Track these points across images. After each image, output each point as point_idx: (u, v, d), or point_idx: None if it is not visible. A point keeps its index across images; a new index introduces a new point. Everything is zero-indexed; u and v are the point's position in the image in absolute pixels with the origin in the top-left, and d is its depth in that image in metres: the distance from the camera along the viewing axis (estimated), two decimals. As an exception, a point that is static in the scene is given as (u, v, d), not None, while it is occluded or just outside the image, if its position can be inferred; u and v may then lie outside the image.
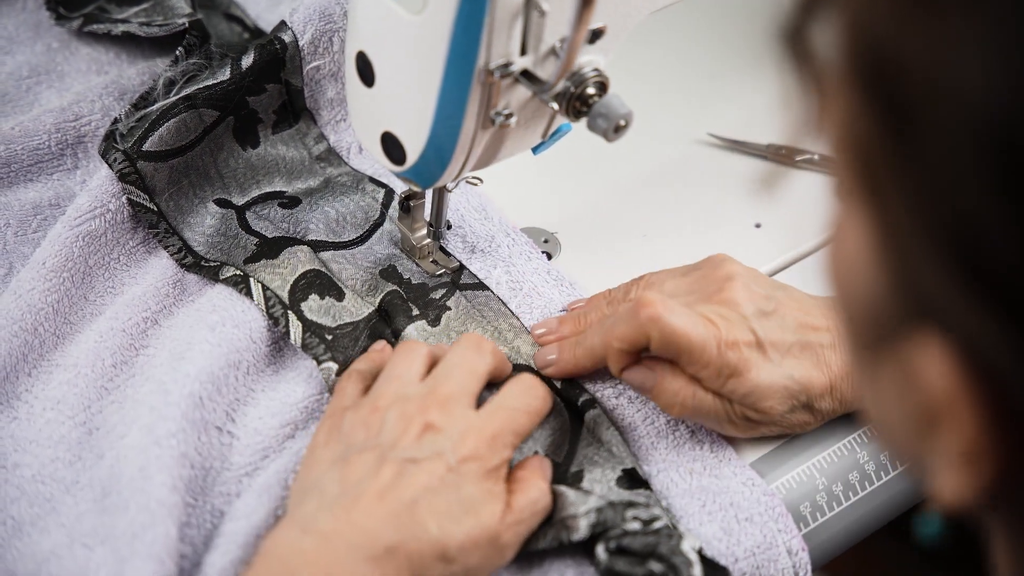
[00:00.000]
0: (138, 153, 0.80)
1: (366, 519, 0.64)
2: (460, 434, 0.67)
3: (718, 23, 1.05)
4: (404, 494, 0.65)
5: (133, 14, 0.94)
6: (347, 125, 0.89)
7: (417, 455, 0.66)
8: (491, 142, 0.71)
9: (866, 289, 0.41)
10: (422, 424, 0.67)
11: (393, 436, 0.67)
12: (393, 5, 0.66)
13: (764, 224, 0.88)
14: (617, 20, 0.69)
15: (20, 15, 0.99)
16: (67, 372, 0.76)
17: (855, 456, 0.75)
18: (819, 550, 0.73)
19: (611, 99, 0.68)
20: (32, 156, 0.87)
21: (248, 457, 0.73)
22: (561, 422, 0.75)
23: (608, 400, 0.75)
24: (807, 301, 0.74)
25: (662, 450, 0.74)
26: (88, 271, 0.80)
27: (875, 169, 0.39)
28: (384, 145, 0.73)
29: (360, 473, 0.66)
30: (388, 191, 0.87)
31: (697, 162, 0.94)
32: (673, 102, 0.98)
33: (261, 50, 0.83)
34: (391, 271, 0.83)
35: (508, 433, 0.69)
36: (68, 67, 0.95)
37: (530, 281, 0.81)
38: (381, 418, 0.68)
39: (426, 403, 0.68)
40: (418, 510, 0.64)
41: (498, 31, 0.64)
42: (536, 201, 0.89)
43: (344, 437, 0.69)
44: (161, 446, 0.69)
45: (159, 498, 0.67)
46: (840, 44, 0.39)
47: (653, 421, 0.75)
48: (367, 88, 0.71)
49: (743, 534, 0.70)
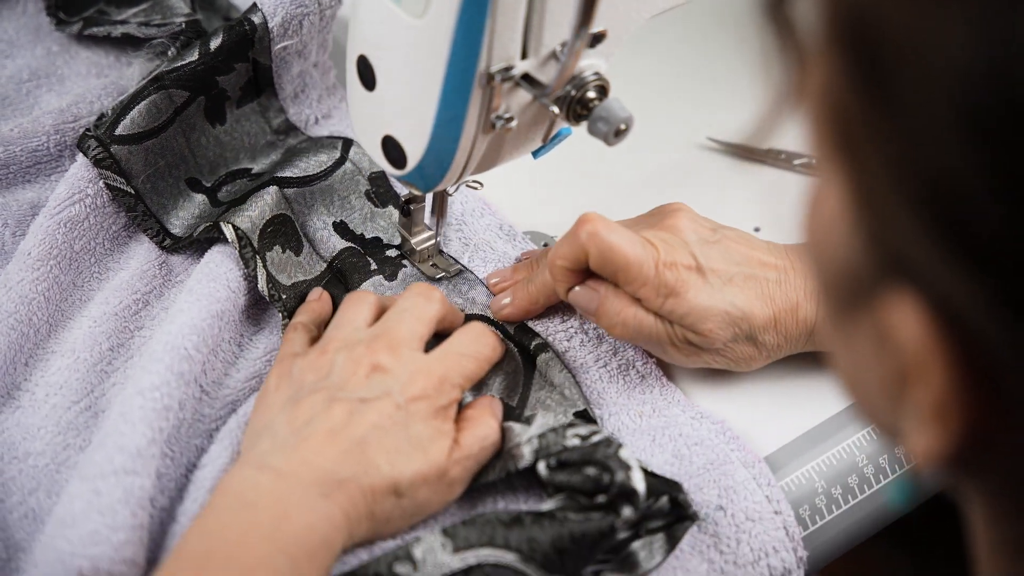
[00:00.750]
0: (111, 138, 0.81)
1: (317, 457, 0.65)
2: (409, 375, 0.69)
3: (718, 27, 1.05)
4: (354, 432, 0.66)
5: (132, 15, 0.95)
6: (306, 97, 0.91)
7: (366, 395, 0.68)
8: (491, 146, 0.71)
9: (842, 250, 0.42)
10: (370, 365, 0.69)
11: (342, 377, 0.69)
12: (395, 9, 0.66)
13: (763, 228, 0.89)
14: (618, 24, 0.69)
15: (20, 19, 1.00)
16: (65, 358, 0.78)
17: (854, 459, 0.75)
18: (817, 552, 0.73)
19: (611, 103, 0.68)
20: (31, 157, 0.87)
21: (218, 411, 0.75)
22: (514, 367, 0.77)
23: (560, 343, 0.78)
24: (756, 241, 0.76)
25: (613, 394, 0.76)
26: (74, 257, 0.81)
27: (853, 130, 0.40)
28: (385, 149, 0.73)
29: (310, 413, 0.67)
30: (346, 141, 0.89)
31: (697, 166, 0.94)
32: (673, 106, 0.98)
33: (230, 31, 0.84)
34: (342, 227, 0.84)
35: (456, 376, 0.71)
36: (68, 70, 0.96)
37: (481, 236, 0.84)
38: (330, 360, 0.70)
39: (375, 346, 0.70)
40: (368, 448, 0.66)
41: (499, 35, 0.64)
42: (536, 205, 0.90)
43: (294, 381, 0.70)
44: (144, 397, 0.70)
45: (139, 447, 0.68)
46: (821, 10, 0.40)
47: (606, 363, 0.77)
48: (368, 92, 0.71)
49: (694, 456, 0.72)
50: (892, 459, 0.76)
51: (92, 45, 0.97)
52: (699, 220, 0.76)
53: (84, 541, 0.65)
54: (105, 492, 0.66)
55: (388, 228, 0.85)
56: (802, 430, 0.76)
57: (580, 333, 0.78)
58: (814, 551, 0.72)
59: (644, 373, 0.76)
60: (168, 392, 0.71)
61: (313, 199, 0.85)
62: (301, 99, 0.91)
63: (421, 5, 0.64)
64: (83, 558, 0.64)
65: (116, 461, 0.67)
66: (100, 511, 0.66)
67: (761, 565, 0.69)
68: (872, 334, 0.41)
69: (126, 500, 0.66)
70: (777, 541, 0.69)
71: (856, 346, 0.44)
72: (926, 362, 0.38)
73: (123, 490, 0.66)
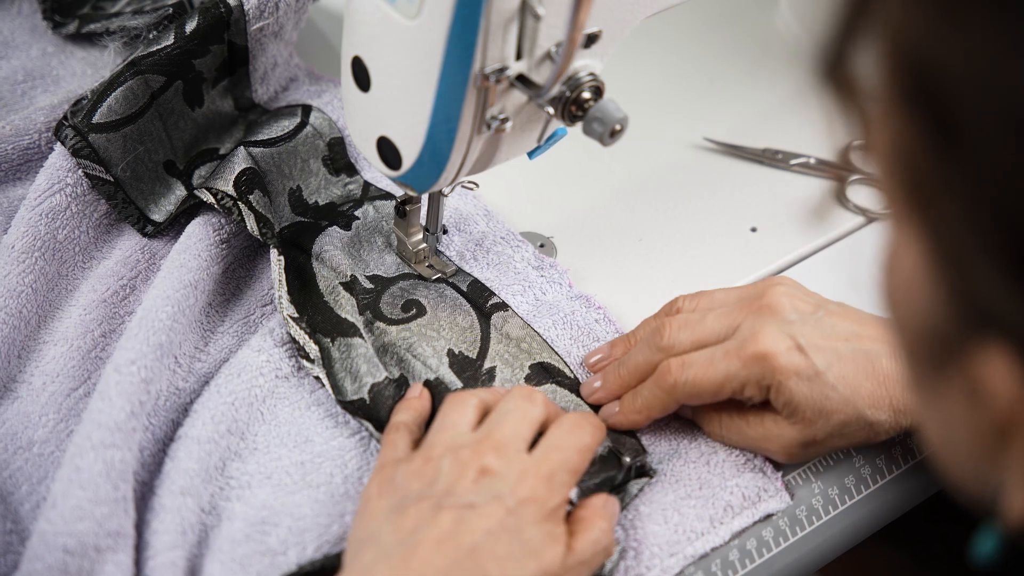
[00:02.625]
0: (88, 126, 0.81)
1: (425, 568, 0.62)
2: (517, 476, 0.66)
3: (713, 27, 1.05)
4: (464, 540, 0.63)
5: (125, 3, 0.94)
6: (276, 76, 0.92)
7: (475, 500, 0.64)
8: (487, 147, 0.71)
9: (924, 308, 0.41)
10: (478, 468, 0.66)
11: (448, 483, 0.65)
12: (389, 10, 0.66)
13: (760, 228, 0.88)
14: (613, 24, 0.69)
15: (16, 19, 0.99)
16: (59, 347, 0.78)
17: (851, 461, 0.75)
18: (815, 553, 0.73)
19: (607, 103, 0.68)
20: (23, 155, 0.87)
21: (192, 384, 0.76)
22: (470, 321, 0.79)
23: (520, 308, 0.80)
24: (860, 315, 0.73)
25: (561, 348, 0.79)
26: (58, 247, 0.81)
27: (926, 183, 0.39)
28: (380, 150, 0.73)
29: (417, 522, 0.64)
30: (305, 107, 0.89)
31: (693, 166, 0.94)
32: (669, 106, 0.98)
33: (205, 14, 0.84)
34: (297, 197, 0.85)
35: (564, 472, 0.67)
36: (63, 71, 0.95)
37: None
38: (436, 467, 0.67)
39: (481, 448, 0.67)
40: (479, 556, 0.62)
41: (493, 36, 0.64)
42: (532, 205, 0.90)
43: (398, 489, 0.67)
44: (121, 372, 0.71)
45: (117, 422, 0.68)
46: (881, 66, 0.39)
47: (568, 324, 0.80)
48: (363, 93, 0.71)
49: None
50: (889, 460, 0.75)
51: (88, 46, 0.97)
52: (800, 300, 0.72)
53: (67, 518, 0.65)
54: (85, 467, 0.66)
55: (341, 197, 0.87)
56: (799, 431, 0.76)
57: (532, 299, 0.81)
58: (812, 552, 0.72)
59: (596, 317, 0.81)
60: (145, 365, 0.71)
61: (279, 159, 0.86)
62: (269, 78, 0.92)
63: (415, 6, 0.64)
64: (67, 535, 0.64)
65: (95, 437, 0.68)
66: (81, 486, 0.66)
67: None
68: (963, 391, 0.40)
69: (107, 473, 0.66)
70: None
71: (946, 406, 0.42)
72: (1022, 413, 0.38)
73: (103, 463, 0.67)
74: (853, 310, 0.72)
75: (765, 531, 0.72)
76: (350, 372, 0.75)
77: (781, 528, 0.72)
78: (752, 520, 0.71)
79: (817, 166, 0.92)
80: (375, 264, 0.83)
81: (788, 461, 0.73)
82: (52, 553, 0.64)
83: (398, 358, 0.78)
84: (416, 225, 0.82)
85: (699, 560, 0.70)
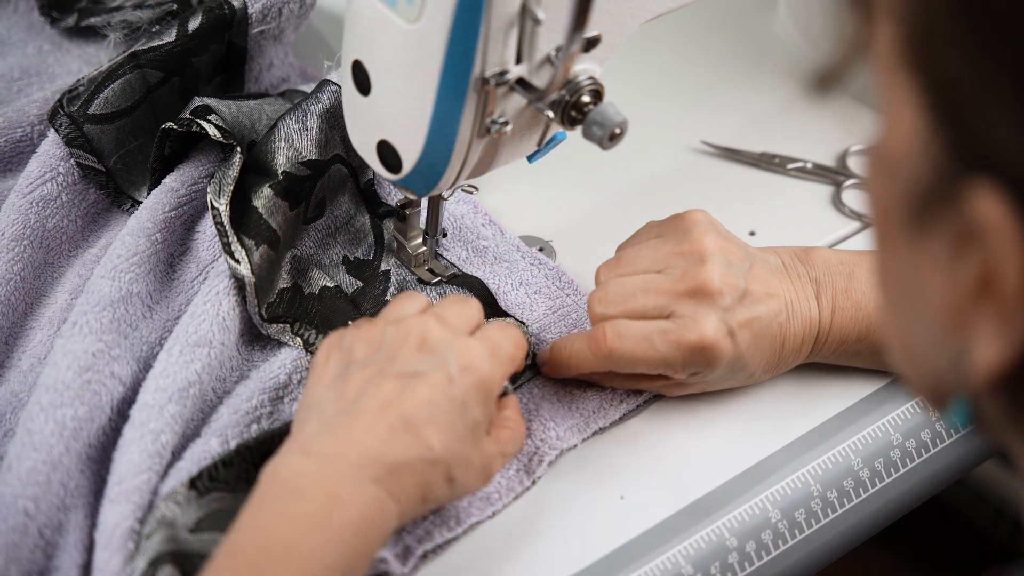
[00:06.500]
0: (84, 116, 0.81)
1: (366, 435, 0.63)
2: (461, 346, 0.66)
3: (712, 32, 1.05)
4: (406, 408, 0.64)
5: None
6: (269, 75, 0.92)
7: (419, 368, 0.65)
8: (487, 150, 0.71)
9: (917, 163, 0.42)
10: (420, 336, 0.67)
11: (392, 349, 0.66)
12: (389, 14, 0.66)
13: (758, 232, 0.89)
14: (612, 29, 0.70)
15: (12, 17, 0.99)
16: (45, 331, 0.79)
17: (850, 462, 0.75)
18: (813, 556, 0.73)
19: (606, 107, 0.68)
20: (15, 148, 0.87)
21: (157, 334, 0.76)
22: (362, 223, 0.83)
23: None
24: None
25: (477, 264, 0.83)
26: (46, 235, 0.81)
27: (933, 35, 0.41)
28: (380, 153, 0.73)
29: (360, 390, 0.65)
30: (289, 90, 0.89)
31: (691, 170, 0.94)
32: (667, 110, 0.98)
33: (209, 13, 0.84)
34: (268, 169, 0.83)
35: (504, 353, 0.68)
36: (59, 68, 0.95)
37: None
38: (380, 332, 0.68)
39: (425, 318, 0.68)
40: (420, 424, 0.63)
41: (494, 40, 0.64)
42: (531, 209, 0.90)
43: (344, 353, 0.68)
44: (64, 336, 0.71)
45: (65, 381, 0.69)
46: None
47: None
48: (363, 97, 0.71)
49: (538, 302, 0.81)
50: (888, 463, 0.76)
51: (83, 43, 0.96)
52: (727, 242, 0.75)
53: (24, 481, 0.66)
54: (36, 430, 0.67)
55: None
56: (797, 434, 0.76)
57: None
58: (810, 554, 0.72)
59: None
60: (87, 322, 0.72)
61: (249, 111, 0.85)
62: (263, 78, 0.92)
63: (415, 10, 0.64)
64: (25, 499, 0.65)
65: (44, 399, 0.68)
66: (35, 447, 0.66)
67: None
68: (947, 243, 0.42)
69: (60, 433, 0.67)
70: None
71: (925, 270, 0.44)
72: (1006, 251, 0.39)
73: (55, 423, 0.67)
74: (771, 252, 0.77)
75: (763, 534, 0.72)
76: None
77: (780, 531, 0.72)
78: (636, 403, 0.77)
79: (814, 170, 0.92)
80: (307, 151, 0.81)
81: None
82: (14, 516, 0.65)
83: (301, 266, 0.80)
84: (416, 229, 0.82)
85: (698, 560, 0.70)
